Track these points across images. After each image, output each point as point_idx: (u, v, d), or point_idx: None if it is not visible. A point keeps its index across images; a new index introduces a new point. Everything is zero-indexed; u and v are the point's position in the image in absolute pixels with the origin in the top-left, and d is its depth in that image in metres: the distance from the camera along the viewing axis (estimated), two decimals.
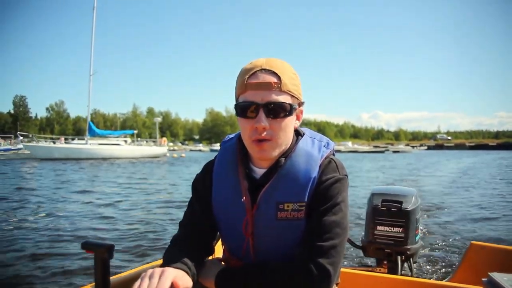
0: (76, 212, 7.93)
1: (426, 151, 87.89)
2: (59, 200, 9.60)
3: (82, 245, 1.11)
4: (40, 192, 11.28)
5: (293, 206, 1.19)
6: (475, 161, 36.57)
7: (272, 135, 1.17)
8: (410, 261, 2.71)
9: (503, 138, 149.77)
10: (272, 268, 1.16)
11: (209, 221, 1.30)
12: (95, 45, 37.25)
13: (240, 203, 1.23)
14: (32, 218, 7.24)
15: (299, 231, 1.20)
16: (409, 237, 2.60)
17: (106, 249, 1.06)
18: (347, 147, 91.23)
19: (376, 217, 2.67)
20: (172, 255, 1.18)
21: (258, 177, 1.25)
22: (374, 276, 1.99)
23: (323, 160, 1.24)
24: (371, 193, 2.83)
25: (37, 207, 8.45)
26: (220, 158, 1.34)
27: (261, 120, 1.14)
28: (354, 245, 2.82)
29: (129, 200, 9.86)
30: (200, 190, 1.33)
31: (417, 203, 2.73)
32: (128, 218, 7.34)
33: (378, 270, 2.72)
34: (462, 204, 9.02)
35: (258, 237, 1.23)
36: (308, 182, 1.20)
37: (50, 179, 15.42)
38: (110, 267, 1.09)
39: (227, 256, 1.37)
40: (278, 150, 1.21)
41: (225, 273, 1.21)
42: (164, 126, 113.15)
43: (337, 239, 1.15)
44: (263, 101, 1.15)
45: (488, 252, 2.30)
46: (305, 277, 1.11)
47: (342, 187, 1.21)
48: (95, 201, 9.59)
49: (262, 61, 1.19)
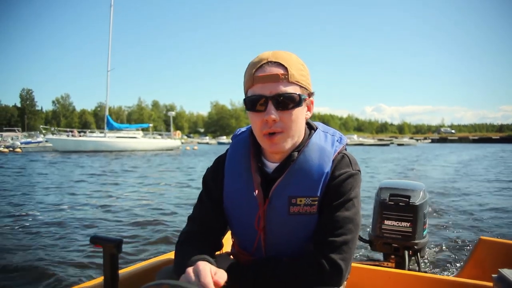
0: (94, 205, 7.95)
1: (430, 144, 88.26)
2: (79, 193, 9.66)
3: (91, 239, 1.12)
4: (62, 184, 11.52)
5: (306, 201, 1.18)
6: (478, 153, 37.81)
7: (283, 127, 1.16)
8: (418, 255, 2.70)
9: (507, 132, 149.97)
10: (284, 263, 1.15)
11: (219, 216, 1.29)
12: (112, 42, 38.18)
13: (252, 197, 1.22)
14: (44, 211, 7.27)
15: (311, 226, 1.19)
16: (416, 231, 2.59)
17: (115, 244, 1.06)
18: (352, 140, 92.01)
19: (383, 211, 2.66)
20: (185, 252, 1.18)
21: (271, 171, 1.24)
22: (381, 271, 1.98)
23: (336, 155, 1.23)
24: (379, 187, 2.82)
25: (59, 199, 8.61)
26: (232, 152, 1.33)
27: (270, 112, 1.13)
28: (362, 239, 2.79)
29: (142, 193, 9.93)
30: (211, 185, 1.32)
31: (425, 197, 2.71)
32: (142, 211, 7.31)
33: (385, 264, 2.73)
34: (471, 198, 8.97)
35: (269, 232, 1.22)
36: (321, 177, 1.19)
37: (72, 171, 15.81)
38: (118, 261, 1.10)
39: (237, 250, 1.36)
40: (291, 142, 1.20)
41: (236, 267, 1.19)
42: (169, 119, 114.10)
43: (350, 235, 1.14)
44: (272, 93, 1.14)
45: (498, 248, 2.25)
46: (316, 272, 1.11)
47: (355, 183, 1.20)
48: (113, 192, 9.76)
49: (268, 54, 1.18)
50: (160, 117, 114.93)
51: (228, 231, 1.38)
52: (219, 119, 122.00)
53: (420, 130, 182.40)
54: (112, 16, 37.72)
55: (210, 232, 1.27)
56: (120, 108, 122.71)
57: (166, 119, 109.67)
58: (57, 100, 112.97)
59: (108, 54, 38.05)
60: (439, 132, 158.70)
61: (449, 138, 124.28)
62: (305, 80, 1.20)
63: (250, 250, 1.28)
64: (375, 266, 2.14)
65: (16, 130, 61.43)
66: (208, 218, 1.28)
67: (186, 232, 1.28)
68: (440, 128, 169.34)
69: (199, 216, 1.30)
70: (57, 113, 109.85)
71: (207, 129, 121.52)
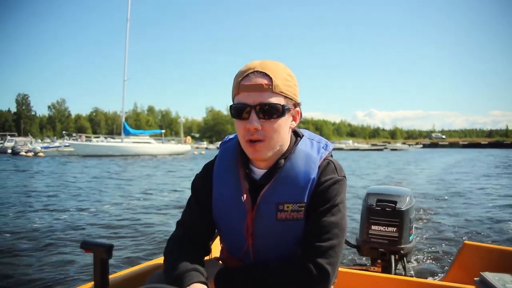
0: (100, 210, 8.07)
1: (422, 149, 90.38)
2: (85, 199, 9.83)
3: (81, 244, 1.11)
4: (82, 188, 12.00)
5: (293, 207, 1.20)
6: (465, 157, 40.47)
7: (265, 136, 1.18)
8: (404, 260, 2.75)
9: (495, 137, 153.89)
10: (272, 268, 1.17)
11: (207, 221, 1.31)
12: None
13: (240, 203, 1.24)
14: (40, 213, 7.42)
15: (298, 232, 1.21)
16: (403, 236, 2.63)
17: (105, 249, 1.06)
18: (348, 145, 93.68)
19: (371, 216, 2.70)
20: (175, 259, 1.19)
21: (258, 178, 1.26)
22: (368, 275, 2.00)
23: (322, 161, 1.25)
24: (366, 193, 2.85)
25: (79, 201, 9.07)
26: (220, 158, 1.35)
27: (252, 121, 1.16)
28: (349, 245, 2.82)
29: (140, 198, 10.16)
30: (200, 190, 1.34)
31: (412, 203, 2.76)
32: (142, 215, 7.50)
33: (372, 269, 2.75)
34: (457, 203, 9.15)
35: (257, 237, 1.24)
36: (307, 183, 1.21)
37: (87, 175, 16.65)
38: (109, 267, 1.09)
39: (225, 256, 1.37)
40: (272, 151, 1.21)
41: (224, 273, 1.22)
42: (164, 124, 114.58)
43: (336, 240, 1.17)
44: (255, 102, 1.16)
45: (481, 252, 2.29)
46: (304, 277, 1.13)
47: (340, 189, 1.23)
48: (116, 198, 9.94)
49: (256, 63, 1.20)
50: (156, 122, 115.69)
51: (217, 236, 1.39)
52: (215, 125, 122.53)
53: (412, 136, 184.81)
54: (129, 29, 41.61)
55: (199, 237, 1.29)
56: (115, 113, 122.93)
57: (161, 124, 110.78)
58: (53, 105, 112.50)
59: (125, 65, 41.06)
60: (430, 137, 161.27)
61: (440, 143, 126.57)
62: (291, 91, 1.22)
63: (238, 255, 1.29)
64: (362, 270, 2.18)
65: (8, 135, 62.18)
66: (197, 224, 1.30)
67: (174, 238, 1.30)
68: (431, 134, 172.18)
69: (187, 221, 1.32)
70: (53, 118, 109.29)
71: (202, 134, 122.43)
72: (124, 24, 44.37)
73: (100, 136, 50.24)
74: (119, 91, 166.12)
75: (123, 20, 45.99)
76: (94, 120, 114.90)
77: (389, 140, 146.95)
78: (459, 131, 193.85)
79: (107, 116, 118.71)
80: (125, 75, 40.81)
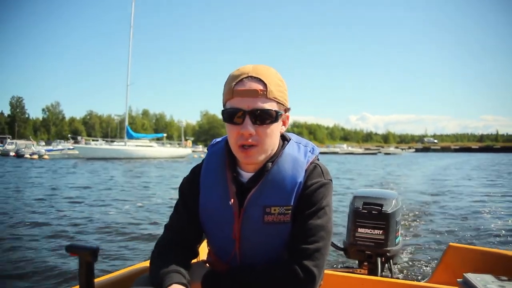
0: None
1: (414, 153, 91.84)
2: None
3: (66, 248, 1.09)
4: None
5: (280, 210, 1.21)
6: (457, 161, 42.19)
7: (258, 141, 1.19)
8: (390, 262, 2.78)
9: (486, 141, 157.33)
10: (258, 271, 1.18)
11: (195, 225, 1.31)
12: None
13: (227, 206, 1.25)
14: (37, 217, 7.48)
15: (285, 235, 1.22)
16: (389, 239, 2.65)
17: (91, 252, 1.05)
18: (343, 149, 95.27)
19: (357, 219, 2.72)
20: (161, 262, 1.19)
21: (245, 181, 1.27)
22: (354, 278, 2.02)
23: (309, 165, 1.27)
24: (353, 196, 2.88)
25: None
26: (208, 162, 1.35)
27: (247, 126, 1.17)
28: (336, 247, 2.84)
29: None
30: (187, 194, 1.34)
31: (398, 206, 2.79)
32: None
33: (359, 271, 2.77)
34: (443, 206, 9.32)
35: (244, 240, 1.25)
36: (294, 187, 1.22)
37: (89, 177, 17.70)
38: (94, 270, 1.08)
39: (212, 259, 1.37)
40: (264, 155, 1.23)
41: (211, 276, 1.22)
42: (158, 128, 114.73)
43: (322, 242, 1.18)
44: (249, 108, 1.17)
45: (465, 254, 2.33)
46: (290, 279, 1.14)
47: (326, 192, 1.24)
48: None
49: (249, 68, 1.21)
50: (151, 126, 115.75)
51: (204, 240, 1.40)
52: (210, 128, 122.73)
53: (404, 140, 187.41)
54: (132, 36, 43.72)
55: (186, 241, 1.29)
56: (110, 116, 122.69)
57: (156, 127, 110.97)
58: (47, 108, 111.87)
59: (128, 70, 43.48)
60: (422, 141, 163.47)
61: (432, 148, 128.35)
62: (283, 96, 1.24)
63: (226, 258, 1.30)
64: (348, 273, 2.19)
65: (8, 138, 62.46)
66: (184, 227, 1.30)
67: (161, 241, 1.30)
68: (424, 138, 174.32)
69: (175, 225, 1.32)
70: (47, 120, 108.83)
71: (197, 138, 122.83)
72: (123, 28, 45.52)
73: (98, 139, 51.41)
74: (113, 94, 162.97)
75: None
76: (88, 123, 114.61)
77: (382, 145, 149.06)
78: (451, 135, 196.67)
79: (102, 119, 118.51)
80: (128, 79, 43.08)
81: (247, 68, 1.22)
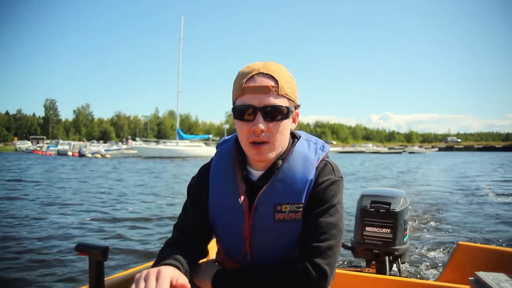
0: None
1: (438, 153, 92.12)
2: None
3: (76, 247, 1.09)
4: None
5: (291, 208, 1.21)
6: (477, 159, 43.29)
7: (270, 138, 1.19)
8: (398, 261, 2.76)
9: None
10: (269, 269, 1.17)
11: (204, 224, 1.30)
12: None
13: (237, 205, 1.24)
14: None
15: (296, 233, 1.21)
16: (397, 238, 2.65)
17: (101, 252, 1.04)
18: (368, 148, 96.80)
19: (365, 218, 2.71)
20: (164, 255, 1.17)
21: (256, 179, 1.27)
22: (362, 276, 2.01)
23: (319, 162, 1.26)
24: (361, 195, 2.87)
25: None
26: (217, 160, 1.35)
27: (259, 123, 1.16)
28: (344, 246, 2.77)
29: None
30: (196, 193, 1.34)
31: (406, 204, 2.77)
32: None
33: (366, 270, 2.77)
34: (452, 205, 9.27)
35: (255, 239, 1.24)
36: (305, 184, 1.22)
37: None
38: (104, 269, 1.07)
39: (222, 258, 1.36)
40: (275, 153, 1.22)
41: (221, 274, 1.21)
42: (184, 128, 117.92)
43: (334, 240, 1.17)
44: (261, 104, 1.16)
45: (475, 252, 2.31)
46: (302, 277, 1.13)
47: (338, 189, 1.23)
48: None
49: (259, 65, 1.20)
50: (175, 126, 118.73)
51: (213, 239, 1.38)
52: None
53: (427, 139, 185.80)
54: (181, 47, 49.77)
55: (195, 240, 1.28)
56: (137, 117, 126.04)
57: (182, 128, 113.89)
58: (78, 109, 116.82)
59: (178, 78, 49.13)
60: (446, 141, 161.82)
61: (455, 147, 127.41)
62: (293, 93, 1.23)
63: (236, 257, 1.29)
64: (356, 272, 2.19)
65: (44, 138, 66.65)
66: (193, 227, 1.29)
67: (170, 240, 1.29)
68: (447, 137, 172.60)
69: (184, 224, 1.31)
70: (77, 122, 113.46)
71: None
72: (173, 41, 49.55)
73: (157, 140, 59.50)
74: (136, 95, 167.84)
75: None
76: (117, 124, 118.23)
77: (405, 144, 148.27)
78: (475, 134, 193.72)
79: (130, 120, 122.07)
80: (178, 86, 48.88)
81: (257, 65, 1.21)
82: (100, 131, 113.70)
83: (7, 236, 5.75)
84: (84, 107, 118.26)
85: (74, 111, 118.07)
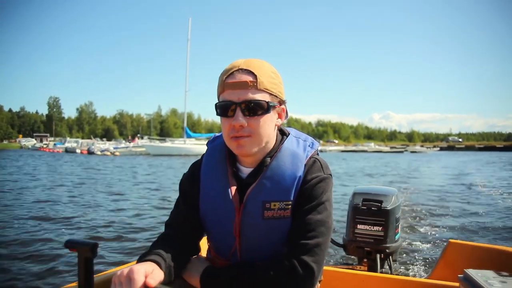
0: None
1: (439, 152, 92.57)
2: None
3: (65, 243, 1.08)
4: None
5: (280, 205, 1.20)
6: (478, 158, 43.35)
7: (251, 132, 1.19)
8: (390, 259, 2.76)
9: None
10: (257, 266, 1.17)
11: (195, 221, 1.30)
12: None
13: (228, 201, 1.24)
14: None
15: (285, 230, 1.21)
16: (388, 235, 2.65)
17: (90, 248, 1.03)
18: (370, 147, 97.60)
19: (356, 216, 2.71)
20: (149, 251, 1.15)
21: (245, 177, 1.27)
22: (353, 274, 2.02)
23: (308, 159, 1.26)
24: (353, 193, 2.86)
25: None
26: (208, 157, 1.35)
27: (238, 118, 1.16)
28: (336, 244, 2.81)
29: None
30: (187, 190, 1.34)
31: (397, 202, 2.77)
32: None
33: (358, 268, 2.77)
34: (447, 203, 9.31)
35: (244, 236, 1.24)
36: (294, 181, 1.21)
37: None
38: (93, 266, 1.06)
39: (212, 255, 1.37)
40: (258, 147, 1.22)
41: (210, 270, 1.21)
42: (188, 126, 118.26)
43: (322, 238, 1.17)
44: (240, 99, 1.17)
45: (465, 250, 2.32)
46: (290, 274, 1.12)
47: (326, 187, 1.23)
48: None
49: (241, 62, 1.21)
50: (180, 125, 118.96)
51: (204, 236, 1.38)
52: None
53: (429, 138, 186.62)
54: (189, 48, 49.71)
55: (186, 237, 1.28)
56: (139, 115, 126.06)
57: None
58: (81, 107, 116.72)
59: (186, 78, 49.55)
60: (447, 140, 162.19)
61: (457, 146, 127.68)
62: (276, 88, 1.23)
63: (226, 254, 1.29)
64: (348, 269, 2.18)
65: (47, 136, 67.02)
66: (185, 223, 1.29)
67: (160, 236, 1.28)
68: (448, 137, 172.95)
69: (175, 221, 1.31)
70: (80, 119, 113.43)
71: None
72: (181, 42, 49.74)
73: (164, 138, 59.17)
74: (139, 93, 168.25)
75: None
76: (120, 122, 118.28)
77: (407, 143, 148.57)
78: (477, 134, 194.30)
79: (132, 118, 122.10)
80: (186, 86, 49.52)
81: (239, 61, 1.22)
82: (103, 129, 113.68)
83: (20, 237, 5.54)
84: (87, 105, 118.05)
85: (77, 109, 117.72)
